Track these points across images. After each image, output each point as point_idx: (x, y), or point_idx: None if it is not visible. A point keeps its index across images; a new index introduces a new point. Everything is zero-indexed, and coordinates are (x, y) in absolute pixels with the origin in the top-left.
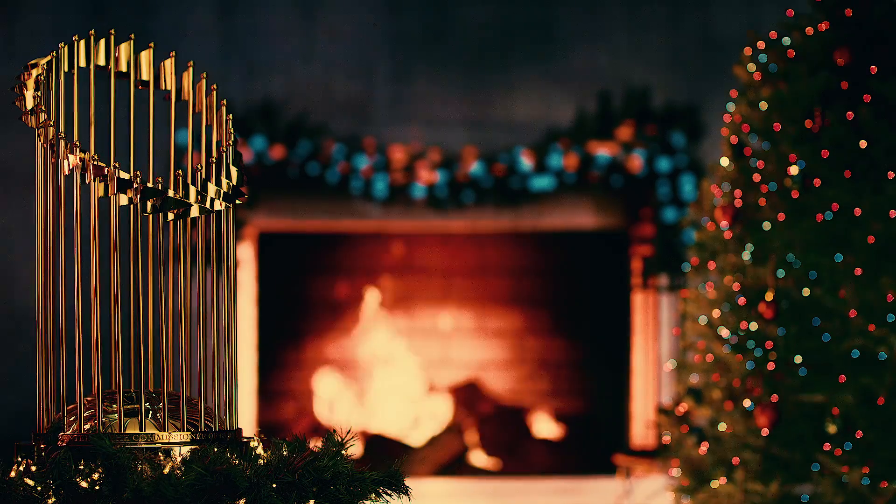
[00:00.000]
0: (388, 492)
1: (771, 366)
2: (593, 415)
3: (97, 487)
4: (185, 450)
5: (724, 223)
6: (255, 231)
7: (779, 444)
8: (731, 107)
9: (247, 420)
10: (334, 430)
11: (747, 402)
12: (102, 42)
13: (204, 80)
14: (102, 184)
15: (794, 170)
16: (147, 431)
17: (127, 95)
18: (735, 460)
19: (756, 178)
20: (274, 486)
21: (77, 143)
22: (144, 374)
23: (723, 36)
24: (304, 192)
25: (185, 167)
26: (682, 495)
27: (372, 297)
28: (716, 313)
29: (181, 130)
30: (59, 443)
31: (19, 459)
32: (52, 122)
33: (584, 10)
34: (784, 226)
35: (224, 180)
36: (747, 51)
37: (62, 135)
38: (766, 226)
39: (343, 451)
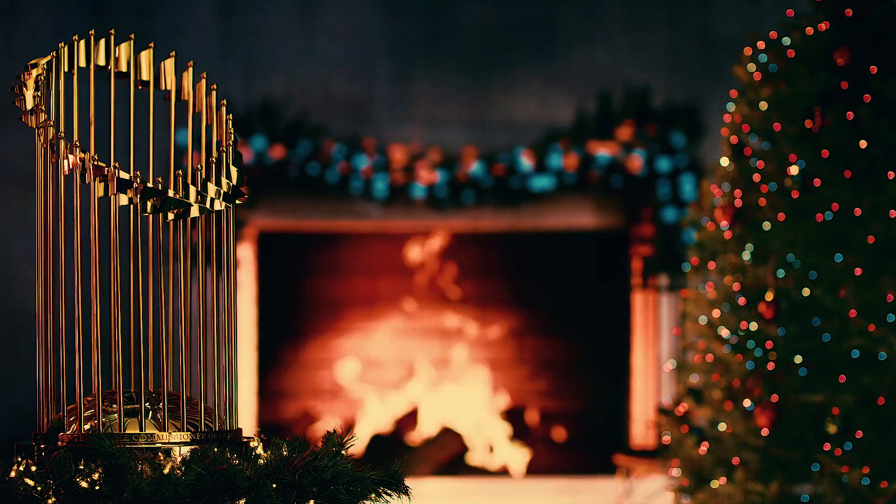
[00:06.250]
0: (388, 492)
1: (771, 366)
2: (593, 415)
3: (97, 487)
4: (185, 450)
5: (724, 223)
6: (255, 231)
7: (779, 444)
8: (731, 107)
9: (247, 420)
10: (334, 431)
11: (747, 402)
12: (102, 42)
13: (204, 80)
14: (102, 184)
15: (794, 170)
16: (147, 431)
17: (127, 95)
18: (735, 460)
19: (756, 178)
20: (274, 486)
21: (77, 143)
22: (144, 374)
23: (723, 36)
24: (304, 192)
25: (185, 167)
26: (682, 495)
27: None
28: (716, 313)
29: (181, 130)
30: (59, 443)
31: (19, 459)
32: (52, 122)
33: (584, 10)
34: (784, 226)
35: (224, 180)
36: (747, 51)
37: (62, 135)
38: (766, 226)
39: (343, 451)
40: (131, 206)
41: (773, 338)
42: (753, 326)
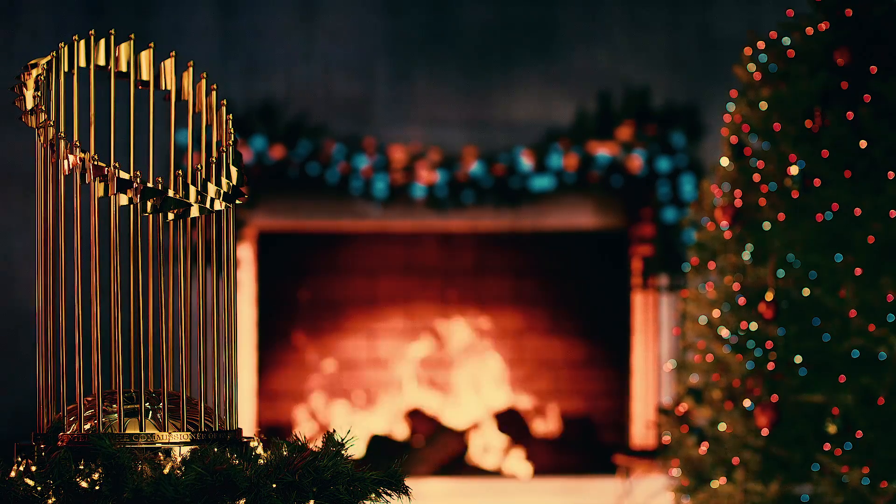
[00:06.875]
0: (388, 492)
1: (771, 366)
2: (593, 415)
3: (97, 487)
4: (185, 450)
5: (724, 223)
6: (255, 231)
7: (779, 444)
8: (731, 107)
9: (247, 420)
10: (334, 431)
11: (747, 402)
12: (102, 42)
13: (204, 80)
14: (102, 184)
15: (794, 170)
16: (147, 431)
17: (127, 95)
18: (735, 460)
19: (756, 178)
20: (274, 486)
21: (77, 143)
22: (144, 374)
23: (723, 36)
24: (304, 192)
25: (185, 167)
26: (682, 495)
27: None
28: (716, 313)
29: (181, 130)
30: (59, 443)
31: (19, 459)
32: (52, 122)
33: (584, 10)
34: (784, 226)
35: (224, 180)
36: (747, 51)
37: (62, 135)
38: (766, 226)
39: (343, 451)
40: (131, 206)
41: (773, 338)
42: (753, 326)
